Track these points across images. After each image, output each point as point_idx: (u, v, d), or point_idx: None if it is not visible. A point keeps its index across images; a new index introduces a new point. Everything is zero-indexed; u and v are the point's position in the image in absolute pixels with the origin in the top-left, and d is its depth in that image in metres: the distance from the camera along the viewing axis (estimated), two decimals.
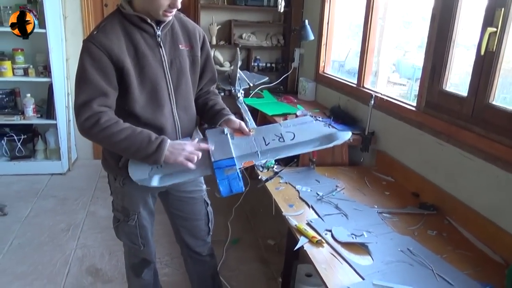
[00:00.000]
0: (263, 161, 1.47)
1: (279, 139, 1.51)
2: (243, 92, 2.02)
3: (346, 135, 1.54)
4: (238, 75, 2.06)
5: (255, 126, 1.63)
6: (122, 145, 1.35)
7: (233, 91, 2.01)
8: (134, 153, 1.37)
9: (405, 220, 1.68)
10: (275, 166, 1.49)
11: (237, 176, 1.40)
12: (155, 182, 1.40)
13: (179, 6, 1.38)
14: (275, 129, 1.56)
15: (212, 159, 1.43)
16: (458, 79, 1.98)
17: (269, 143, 1.50)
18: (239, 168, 1.42)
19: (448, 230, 1.63)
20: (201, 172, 1.45)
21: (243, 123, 1.55)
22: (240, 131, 1.53)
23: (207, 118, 1.65)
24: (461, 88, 1.83)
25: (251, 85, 2.15)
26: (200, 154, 1.40)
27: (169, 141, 1.38)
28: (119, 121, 1.37)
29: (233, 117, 1.58)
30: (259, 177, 1.86)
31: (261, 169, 1.48)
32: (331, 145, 1.51)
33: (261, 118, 3.46)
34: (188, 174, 1.43)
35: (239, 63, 3.96)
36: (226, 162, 1.42)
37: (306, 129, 1.57)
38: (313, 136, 1.53)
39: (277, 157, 1.51)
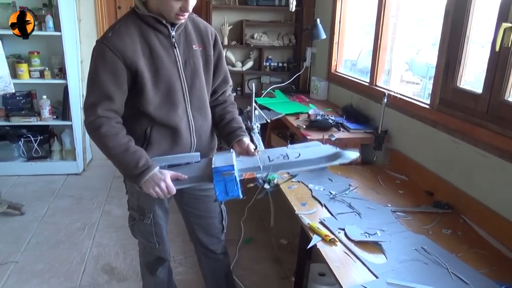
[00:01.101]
0: (264, 175, 1.47)
1: (283, 157, 1.51)
2: (259, 125, 2.15)
3: (353, 154, 1.53)
4: (256, 112, 2.21)
5: (263, 149, 1.65)
6: (112, 159, 1.41)
7: (249, 124, 2.11)
8: (120, 169, 1.43)
9: (419, 218, 1.67)
10: (277, 180, 1.50)
11: (234, 179, 1.40)
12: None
13: (190, 10, 1.39)
14: (281, 150, 1.57)
15: (213, 166, 1.44)
16: (473, 77, 1.96)
17: (273, 159, 1.50)
18: (240, 179, 1.42)
19: (463, 229, 1.61)
20: (201, 180, 1.47)
21: (251, 144, 1.57)
22: (246, 151, 1.55)
23: (222, 133, 1.67)
24: (476, 86, 1.80)
25: (268, 121, 2.29)
26: (174, 190, 1.42)
27: (154, 170, 1.40)
28: (118, 133, 1.40)
29: (246, 138, 1.59)
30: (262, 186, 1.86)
31: (261, 182, 1.48)
32: (336, 162, 1.50)
33: (273, 120, 3.46)
34: (190, 183, 1.47)
35: (251, 63, 3.98)
36: (225, 167, 1.43)
37: (312, 150, 1.57)
38: (319, 155, 1.53)
39: (279, 171, 1.51)
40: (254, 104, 2.18)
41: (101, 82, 1.36)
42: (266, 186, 1.48)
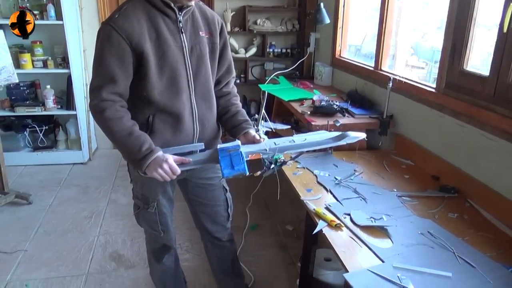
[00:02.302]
0: (271, 155, 1.46)
1: (289, 142, 1.50)
2: (264, 130, 2.14)
3: (359, 134, 1.52)
4: (262, 122, 2.22)
5: (268, 139, 1.64)
6: (116, 143, 1.40)
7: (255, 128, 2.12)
8: (123, 153, 1.42)
9: (425, 203, 1.66)
10: (283, 157, 1.49)
11: (239, 154, 1.37)
12: None
13: None
14: (287, 138, 1.56)
15: (218, 146, 1.43)
16: (479, 61, 1.93)
17: (279, 143, 1.49)
18: (246, 160, 1.40)
19: (470, 213, 1.60)
20: (208, 161, 1.45)
21: (256, 135, 1.56)
22: (252, 141, 1.54)
23: (227, 126, 1.66)
24: (482, 69, 1.77)
25: (274, 130, 2.29)
26: (178, 170, 1.40)
27: (157, 154, 1.38)
28: (123, 117, 1.38)
29: (252, 130, 1.58)
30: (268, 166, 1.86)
31: (268, 164, 1.48)
32: (343, 142, 1.50)
33: (277, 105, 3.45)
34: (194, 165, 1.46)
35: (254, 50, 3.94)
36: (231, 146, 1.42)
37: (318, 135, 1.56)
38: (325, 137, 1.53)
39: (286, 153, 1.50)
40: (263, 111, 2.17)
41: (106, 64, 1.34)
42: (272, 166, 1.47)
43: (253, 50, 3.98)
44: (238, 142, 1.50)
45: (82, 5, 3.63)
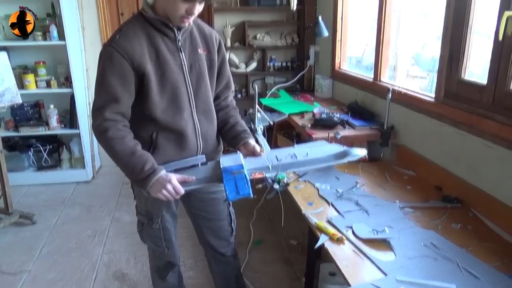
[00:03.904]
0: (274, 174, 1.46)
1: (291, 157, 1.50)
2: (262, 127, 2.14)
3: (361, 152, 1.52)
4: (259, 115, 2.20)
5: (269, 150, 1.64)
6: (119, 163, 1.41)
7: (253, 127, 2.11)
8: (126, 173, 1.42)
9: (428, 214, 1.65)
10: (286, 179, 1.50)
11: (244, 177, 1.38)
12: None
13: (196, 13, 1.39)
14: (288, 150, 1.56)
15: (221, 166, 1.43)
16: (480, 69, 1.92)
17: (281, 159, 1.49)
18: (249, 178, 1.40)
19: (473, 223, 1.59)
20: (211, 180, 1.45)
21: (257, 146, 1.56)
22: (252, 153, 1.55)
23: (227, 137, 1.67)
24: (483, 77, 1.77)
25: (271, 123, 2.28)
26: (182, 190, 1.40)
27: (160, 173, 1.38)
28: (125, 137, 1.40)
29: (251, 140, 1.59)
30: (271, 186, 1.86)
31: (271, 182, 1.47)
32: (345, 160, 1.50)
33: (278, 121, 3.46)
34: (198, 183, 1.45)
35: (255, 64, 3.98)
36: (234, 167, 1.42)
37: (320, 149, 1.55)
38: (327, 153, 1.52)
39: (288, 171, 1.50)
40: (257, 106, 2.18)
41: (109, 84, 1.37)
42: (276, 186, 1.47)
43: (253, 65, 4.01)
44: (240, 155, 1.49)
45: (84, 25, 3.69)
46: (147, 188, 1.39)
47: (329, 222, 1.58)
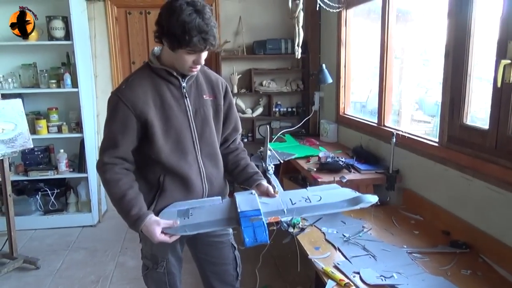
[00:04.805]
0: (289, 218, 1.48)
1: (305, 200, 1.51)
2: (273, 166, 2.19)
3: (373, 198, 1.53)
4: (269, 153, 2.26)
5: (282, 191, 1.66)
6: (114, 205, 1.48)
7: (264, 165, 2.15)
8: (121, 215, 1.48)
9: (437, 259, 1.62)
10: (301, 224, 1.52)
11: (262, 225, 1.39)
12: (181, 231, 1.44)
13: (203, 63, 1.47)
14: (301, 192, 1.57)
15: (239, 210, 1.44)
16: (484, 113, 1.96)
17: (295, 203, 1.50)
18: (266, 223, 1.41)
19: (483, 269, 1.56)
20: (228, 223, 1.46)
21: (270, 187, 1.59)
22: (266, 193, 1.56)
23: (239, 179, 1.70)
24: (487, 122, 1.79)
25: (282, 161, 2.33)
26: (168, 239, 1.43)
27: (147, 219, 1.42)
28: (120, 180, 1.46)
29: (264, 181, 1.62)
30: (286, 230, 1.85)
31: (286, 226, 1.49)
32: (357, 207, 1.50)
33: (285, 162, 3.48)
34: (214, 226, 1.46)
35: (261, 109, 4.06)
36: (252, 212, 1.43)
37: (332, 193, 1.56)
38: (340, 199, 1.52)
39: (303, 215, 1.51)
40: (268, 144, 2.21)
41: (111, 130, 1.46)
42: (291, 230, 1.47)
43: (259, 110, 4.10)
44: (256, 197, 1.50)
45: (96, 73, 3.85)
46: (138, 230, 1.44)
47: (336, 267, 1.56)
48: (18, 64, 3.61)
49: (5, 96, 3.03)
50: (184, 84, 1.52)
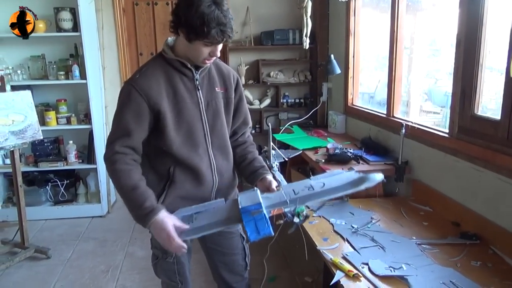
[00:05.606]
0: (292, 208, 1.46)
1: (308, 189, 1.49)
2: (278, 164, 2.18)
3: (378, 177, 1.51)
4: (273, 152, 2.25)
5: (286, 184, 1.64)
6: (122, 196, 1.43)
7: (269, 163, 2.15)
8: (128, 209, 1.43)
9: (446, 251, 1.62)
10: (305, 211, 1.50)
11: (263, 217, 1.37)
12: (185, 235, 1.41)
13: (219, 55, 1.47)
14: (304, 182, 1.54)
15: (240, 206, 1.43)
16: (495, 104, 1.93)
17: (298, 192, 1.49)
18: (269, 216, 1.40)
19: (493, 260, 1.55)
20: (230, 222, 1.44)
21: (273, 181, 1.56)
22: (268, 188, 1.54)
23: (245, 173, 1.68)
24: (499, 113, 1.77)
25: (287, 159, 2.32)
26: (176, 243, 1.36)
27: (159, 214, 1.36)
28: (131, 170, 1.42)
29: (269, 176, 1.59)
30: (291, 221, 1.84)
31: (290, 216, 1.48)
32: (362, 187, 1.47)
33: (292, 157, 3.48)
34: (217, 226, 1.44)
35: (269, 101, 4.05)
36: (253, 206, 1.41)
37: (336, 178, 1.53)
38: (344, 182, 1.49)
39: (307, 203, 1.49)
40: (271, 143, 2.21)
41: (123, 119, 1.43)
42: (296, 219, 1.46)
43: (267, 101, 4.08)
44: (257, 193, 1.49)
45: (104, 64, 3.85)
46: (147, 226, 1.39)
47: (345, 258, 1.56)
48: (27, 56, 3.63)
49: (15, 88, 3.04)
50: (197, 76, 1.52)
